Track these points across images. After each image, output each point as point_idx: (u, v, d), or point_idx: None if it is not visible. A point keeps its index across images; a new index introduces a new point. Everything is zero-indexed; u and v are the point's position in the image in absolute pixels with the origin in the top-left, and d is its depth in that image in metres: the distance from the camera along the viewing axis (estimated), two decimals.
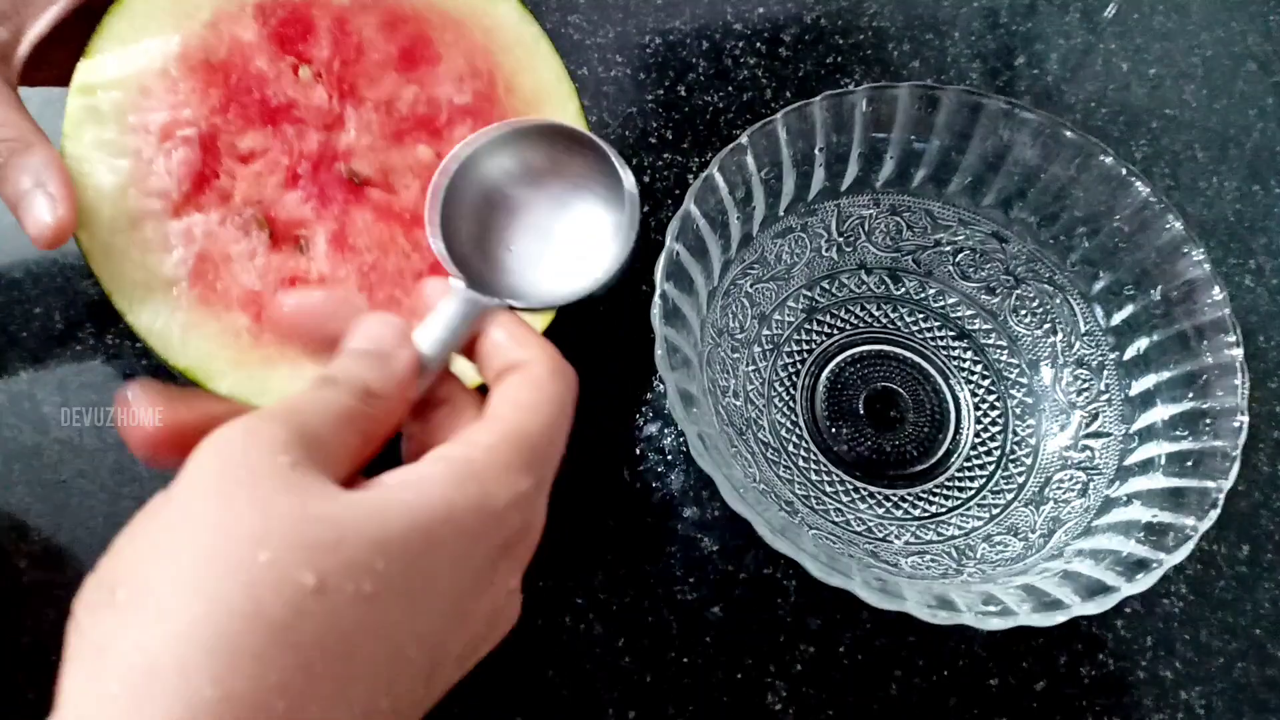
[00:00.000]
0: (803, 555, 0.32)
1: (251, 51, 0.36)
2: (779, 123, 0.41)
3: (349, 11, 0.38)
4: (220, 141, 0.36)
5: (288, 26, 0.37)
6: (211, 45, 0.36)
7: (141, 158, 0.35)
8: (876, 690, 0.38)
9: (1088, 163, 0.41)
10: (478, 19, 0.39)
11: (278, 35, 0.37)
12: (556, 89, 0.40)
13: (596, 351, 0.44)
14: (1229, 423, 0.36)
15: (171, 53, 0.35)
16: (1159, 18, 0.56)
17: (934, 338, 0.45)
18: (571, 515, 0.41)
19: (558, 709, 0.37)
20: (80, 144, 0.34)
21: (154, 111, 0.35)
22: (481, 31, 0.39)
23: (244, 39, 0.36)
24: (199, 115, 0.35)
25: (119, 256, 0.35)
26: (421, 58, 0.39)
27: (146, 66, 0.35)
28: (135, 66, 0.35)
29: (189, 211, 0.35)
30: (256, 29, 0.36)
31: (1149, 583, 0.33)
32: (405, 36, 0.38)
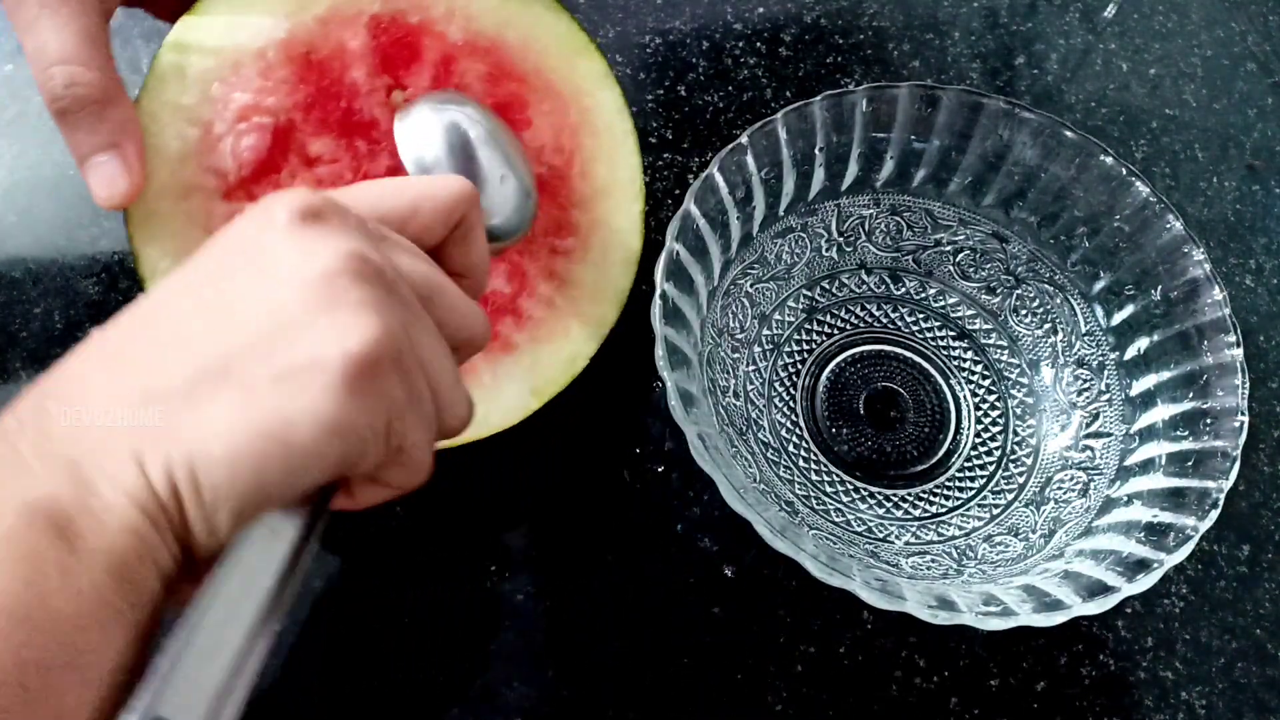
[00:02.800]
0: (803, 555, 0.32)
1: (352, 60, 0.35)
2: (779, 123, 0.41)
3: (460, 51, 0.37)
4: (293, 138, 0.35)
5: (396, 47, 0.36)
6: (317, 41, 0.35)
7: (212, 131, 0.34)
8: (877, 690, 0.38)
9: (1088, 163, 0.41)
10: (579, 97, 0.39)
11: (383, 52, 0.36)
12: (627, 188, 0.40)
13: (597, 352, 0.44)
14: (1229, 423, 0.36)
15: (275, 37, 0.34)
16: (1159, 18, 0.56)
17: (934, 338, 0.45)
18: (571, 515, 0.41)
19: (558, 709, 0.37)
20: (157, 101, 0.33)
21: (239, 90, 0.34)
22: (578, 110, 0.39)
23: (350, 45, 0.35)
24: (281, 106, 0.35)
25: (160, 222, 0.34)
26: (512, 118, 0.38)
27: (246, 43, 0.34)
28: (235, 40, 0.34)
29: (240, 197, 0.35)
30: (365, 39, 0.35)
31: (1149, 583, 0.33)
32: (505, 92, 0.38)
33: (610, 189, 0.39)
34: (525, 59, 0.38)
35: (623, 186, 0.39)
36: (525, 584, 0.39)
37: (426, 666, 0.37)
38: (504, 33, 0.37)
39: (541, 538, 0.40)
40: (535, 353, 0.38)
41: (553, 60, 0.38)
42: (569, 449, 0.42)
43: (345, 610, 0.38)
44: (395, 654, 0.38)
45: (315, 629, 0.38)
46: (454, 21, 0.37)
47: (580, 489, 0.41)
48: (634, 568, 0.40)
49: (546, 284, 0.39)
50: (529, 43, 0.38)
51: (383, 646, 0.38)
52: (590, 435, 0.42)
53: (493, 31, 0.37)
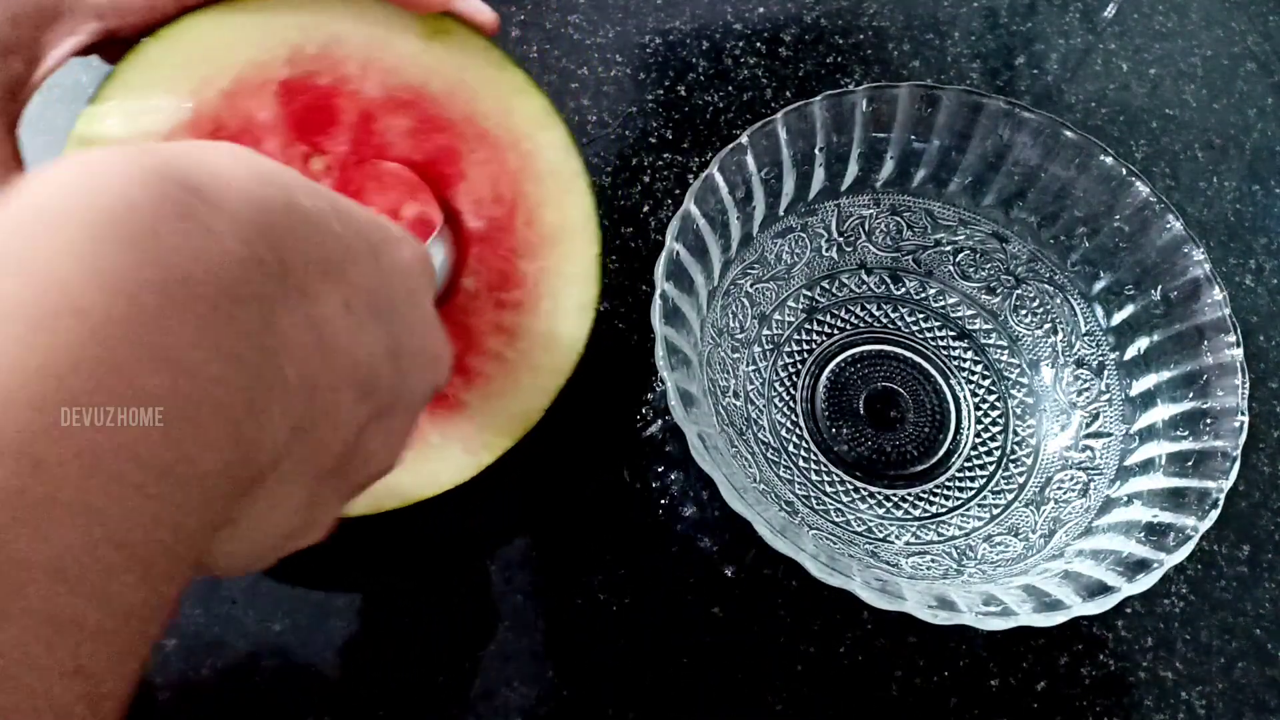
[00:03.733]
0: (803, 555, 0.32)
1: (264, 133, 0.33)
2: (779, 123, 0.41)
3: (380, 107, 0.35)
4: None
5: (310, 113, 0.34)
6: (224, 117, 0.33)
7: None
8: (877, 691, 0.38)
9: (1088, 163, 0.41)
10: (517, 143, 0.36)
11: (296, 119, 0.34)
12: (582, 230, 0.37)
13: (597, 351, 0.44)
14: (1229, 423, 0.36)
15: (181, 119, 0.32)
16: (1159, 18, 0.56)
17: (934, 338, 0.45)
18: (572, 515, 0.41)
19: (558, 709, 0.37)
20: None
21: None
22: (518, 156, 0.36)
23: (259, 117, 0.33)
24: None
25: None
26: (444, 173, 0.36)
27: (150, 128, 0.32)
28: (139, 126, 0.32)
29: None
30: (275, 109, 0.33)
31: (1149, 583, 0.33)
32: (434, 146, 0.35)
33: (560, 235, 0.37)
34: (453, 107, 0.35)
35: (574, 231, 0.37)
36: (525, 584, 0.39)
37: (426, 666, 0.37)
38: (428, 82, 0.35)
39: (541, 538, 0.40)
40: (488, 409, 0.37)
41: (485, 105, 0.35)
42: (569, 448, 0.42)
43: (344, 610, 0.38)
44: (395, 654, 0.38)
45: (314, 629, 0.38)
46: (369, 77, 0.34)
47: (580, 489, 0.41)
48: (634, 568, 0.40)
49: (495, 339, 0.37)
50: (457, 89, 0.35)
51: (382, 646, 0.38)
52: (590, 435, 0.42)
53: (415, 82, 0.35)
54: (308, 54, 0.33)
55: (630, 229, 0.47)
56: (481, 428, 0.37)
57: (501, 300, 0.37)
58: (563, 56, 0.52)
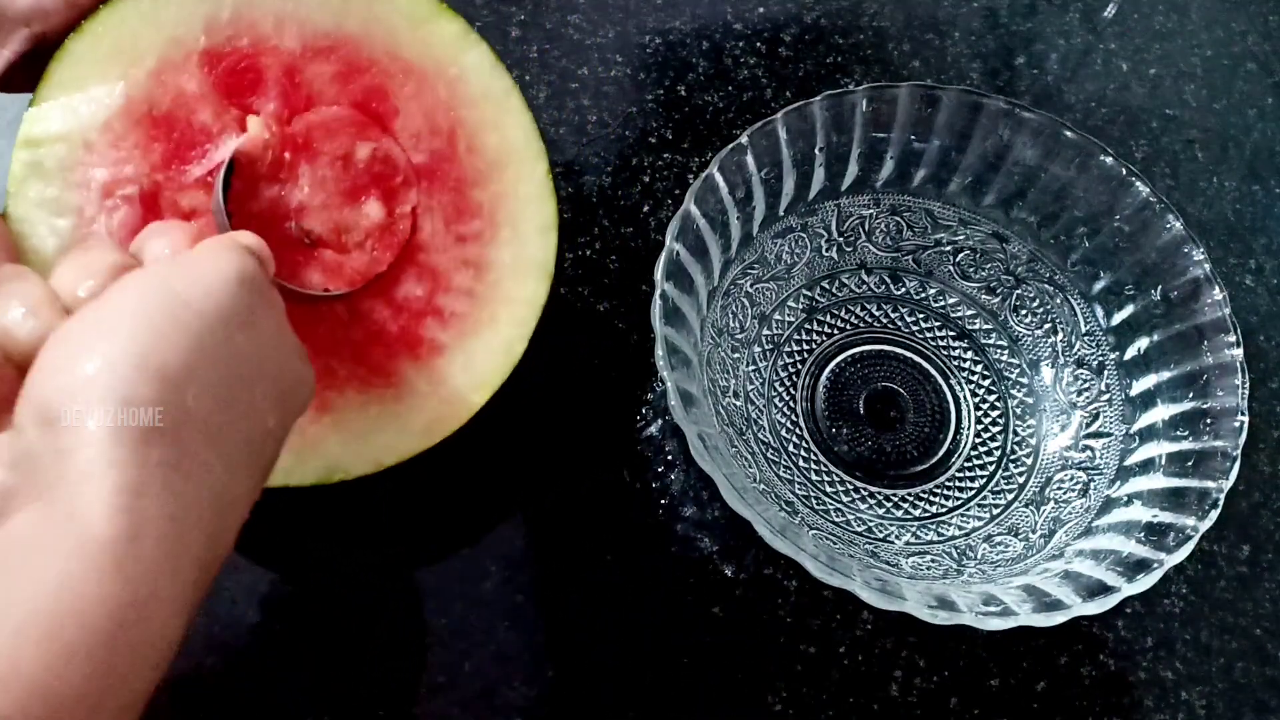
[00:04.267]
0: (803, 555, 0.32)
1: (195, 103, 0.34)
2: (779, 123, 0.41)
3: (301, 60, 0.35)
4: (163, 199, 0.34)
5: (234, 76, 0.34)
6: (155, 96, 0.34)
7: (84, 216, 0.33)
8: (877, 691, 0.38)
9: (1088, 163, 0.41)
10: (442, 70, 0.36)
11: (223, 85, 0.34)
12: (525, 149, 0.37)
13: (597, 352, 0.44)
14: (1229, 423, 0.36)
15: (115, 104, 0.33)
16: (1159, 18, 0.56)
17: (934, 338, 0.45)
18: (572, 515, 0.41)
19: (558, 709, 0.37)
20: (23, 202, 0.33)
21: (96, 167, 0.33)
22: (445, 84, 0.37)
23: (188, 89, 0.34)
24: (141, 172, 0.34)
25: None
26: (377, 112, 0.36)
27: (90, 119, 0.33)
28: (79, 119, 0.33)
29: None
30: (200, 78, 0.34)
31: (1149, 583, 0.33)
32: (360, 89, 0.36)
33: (506, 157, 0.37)
34: (373, 45, 0.36)
35: (519, 151, 0.37)
36: (525, 584, 0.39)
37: (426, 666, 0.37)
38: (343, 25, 0.35)
39: (541, 538, 0.40)
40: (467, 348, 0.37)
41: (403, 37, 0.36)
42: (569, 449, 0.42)
43: (345, 610, 0.38)
44: (395, 654, 0.38)
45: (315, 629, 0.38)
46: (286, 31, 0.35)
47: (580, 489, 0.41)
48: (634, 568, 0.40)
49: (461, 274, 0.37)
50: (372, 26, 0.36)
51: (383, 646, 0.38)
52: (590, 435, 0.42)
53: (331, 28, 0.35)
54: (223, 20, 0.34)
55: (630, 229, 0.47)
56: (466, 368, 0.37)
57: (461, 234, 0.37)
58: (563, 56, 0.52)
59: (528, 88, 0.50)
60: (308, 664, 0.37)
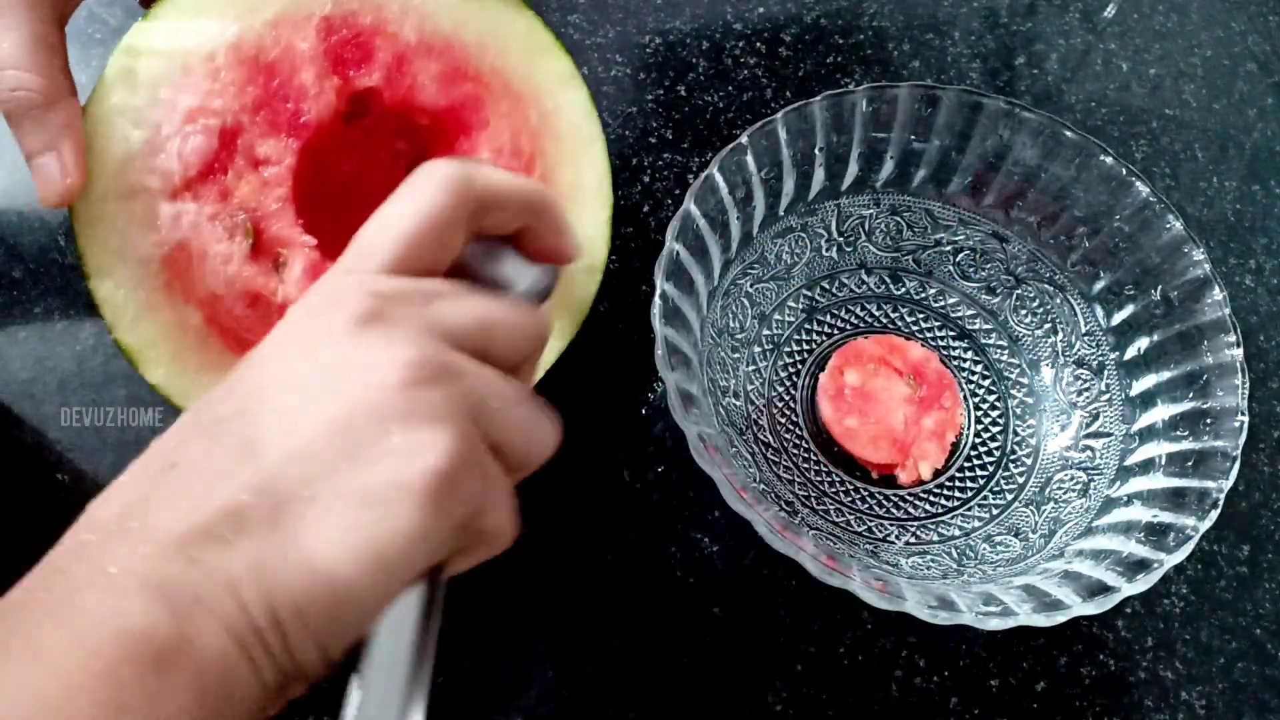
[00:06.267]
0: (803, 555, 0.32)
1: (302, 62, 0.35)
2: (779, 123, 0.41)
3: (414, 51, 0.36)
4: (240, 139, 0.35)
5: (346, 48, 0.36)
6: (266, 44, 0.35)
7: (159, 133, 0.34)
8: (877, 691, 0.38)
9: (1088, 163, 0.41)
10: (540, 98, 0.38)
11: (334, 53, 0.36)
12: (595, 193, 0.38)
13: (597, 352, 0.44)
14: (1229, 423, 0.36)
15: (225, 40, 0.34)
16: (1159, 18, 0.56)
17: (935, 338, 0.45)
18: (572, 515, 0.41)
19: (558, 709, 0.37)
20: (105, 105, 0.34)
21: (187, 92, 0.34)
22: (539, 113, 0.38)
23: (299, 47, 0.35)
24: (228, 109, 0.35)
25: (104, 223, 0.34)
26: (468, 120, 0.37)
27: (196, 46, 0.34)
28: (185, 43, 0.34)
29: (185, 198, 0.35)
30: (315, 41, 0.35)
31: (1149, 583, 0.33)
32: (460, 93, 0.37)
33: (575, 194, 0.38)
34: (483, 59, 0.37)
35: (589, 192, 0.38)
36: (525, 584, 0.39)
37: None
38: (460, 32, 0.37)
39: (541, 538, 0.40)
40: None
41: (513, 60, 0.37)
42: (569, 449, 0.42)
43: None
44: None
45: None
46: (408, 21, 0.36)
47: (580, 489, 0.41)
48: (634, 567, 0.40)
49: None
50: (487, 42, 0.37)
51: None
52: (590, 435, 0.42)
53: (448, 30, 0.37)
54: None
55: (630, 229, 0.47)
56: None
57: None
58: None
59: None
60: None
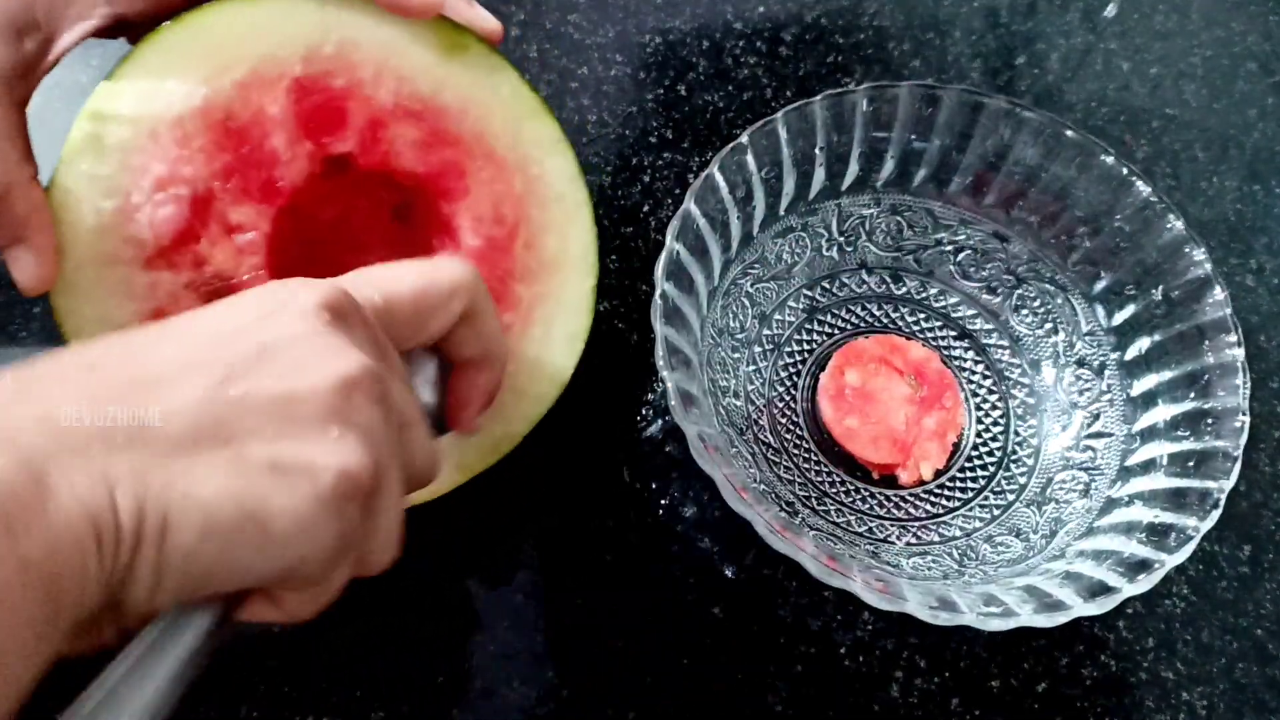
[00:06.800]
0: (803, 555, 0.32)
1: (272, 126, 0.33)
2: (779, 122, 0.40)
3: (391, 115, 0.34)
4: (213, 208, 0.34)
5: (320, 112, 0.34)
6: (235, 107, 0.33)
7: (130, 201, 0.33)
8: (877, 691, 0.38)
9: (1088, 162, 0.41)
10: (525, 166, 0.36)
11: (305, 117, 0.34)
12: (580, 261, 0.37)
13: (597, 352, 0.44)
14: (1230, 423, 0.36)
15: (193, 104, 0.33)
16: (1159, 18, 0.56)
17: (935, 337, 0.45)
18: (572, 515, 0.41)
19: (558, 709, 0.37)
20: (74, 173, 0.32)
21: (156, 160, 0.33)
22: (524, 180, 0.36)
23: (269, 111, 0.33)
24: (199, 176, 0.33)
25: (81, 291, 0.33)
26: (449, 187, 0.36)
27: (163, 110, 0.33)
28: (151, 107, 0.33)
29: (160, 266, 0.34)
30: (285, 104, 0.33)
31: (1151, 583, 0.33)
32: (440, 159, 0.35)
33: (560, 262, 0.37)
34: (463, 123, 0.35)
35: (573, 261, 0.37)
36: (525, 584, 0.39)
37: (426, 667, 0.37)
38: (440, 95, 0.35)
39: (541, 538, 0.40)
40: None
41: (496, 125, 0.36)
42: (569, 448, 0.42)
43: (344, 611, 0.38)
44: (394, 654, 0.38)
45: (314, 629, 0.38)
46: (383, 84, 0.34)
47: (580, 489, 0.41)
48: (634, 567, 0.40)
49: None
50: (469, 105, 0.35)
51: (382, 646, 0.38)
52: (590, 435, 0.42)
53: (427, 93, 0.35)
54: (324, 54, 0.33)
55: (630, 229, 0.47)
56: (458, 447, 0.37)
57: None
58: (563, 56, 0.52)
59: None
60: (306, 664, 0.37)
